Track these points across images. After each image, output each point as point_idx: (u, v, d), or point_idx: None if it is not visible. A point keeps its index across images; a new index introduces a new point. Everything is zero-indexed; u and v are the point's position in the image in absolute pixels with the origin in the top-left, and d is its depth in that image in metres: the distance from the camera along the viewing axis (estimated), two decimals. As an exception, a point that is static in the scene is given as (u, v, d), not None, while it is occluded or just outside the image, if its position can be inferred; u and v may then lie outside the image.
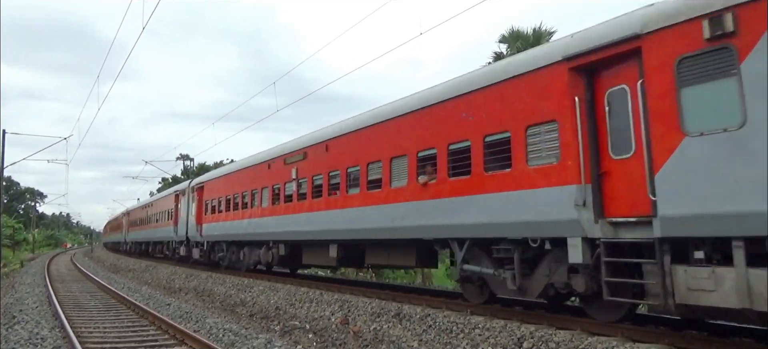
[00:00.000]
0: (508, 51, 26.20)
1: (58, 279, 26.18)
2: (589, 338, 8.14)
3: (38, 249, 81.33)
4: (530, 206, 9.09)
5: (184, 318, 13.11)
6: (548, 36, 25.82)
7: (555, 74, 8.91)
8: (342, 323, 11.76)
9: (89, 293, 19.77)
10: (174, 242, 32.18)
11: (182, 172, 66.38)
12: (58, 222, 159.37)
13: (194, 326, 11.87)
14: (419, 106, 12.01)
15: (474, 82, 10.71)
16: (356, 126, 14.47)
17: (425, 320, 10.50)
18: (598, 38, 8.37)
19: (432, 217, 11.19)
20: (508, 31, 26.99)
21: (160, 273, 27.37)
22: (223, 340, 10.31)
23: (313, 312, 13.28)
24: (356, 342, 10.30)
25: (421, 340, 9.82)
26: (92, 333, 11.24)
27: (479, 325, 9.54)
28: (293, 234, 17.30)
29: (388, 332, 10.61)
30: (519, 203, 9.30)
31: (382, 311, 11.68)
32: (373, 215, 13.16)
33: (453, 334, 9.63)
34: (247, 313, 14.58)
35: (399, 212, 12.20)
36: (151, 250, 40.43)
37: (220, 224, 24.08)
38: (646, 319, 10.20)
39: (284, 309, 14.20)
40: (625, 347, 7.47)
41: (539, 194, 8.96)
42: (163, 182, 74.91)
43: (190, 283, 22.13)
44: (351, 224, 14.03)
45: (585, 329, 8.77)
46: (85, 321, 12.80)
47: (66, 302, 16.47)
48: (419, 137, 11.83)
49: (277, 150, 19.57)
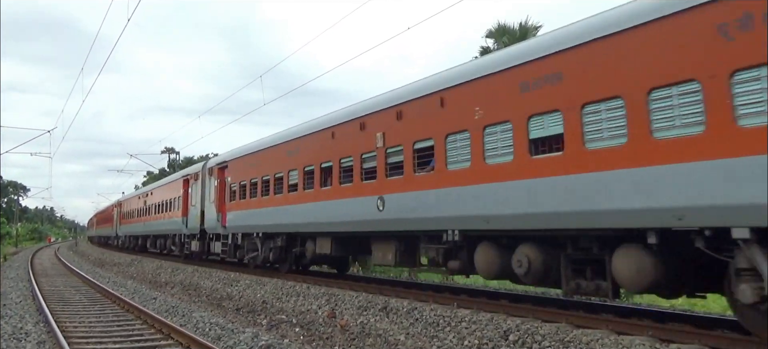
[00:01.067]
0: (495, 46, 26.29)
1: (43, 273, 25.91)
2: (575, 330, 8.22)
3: (22, 243, 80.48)
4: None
5: (170, 312, 13.05)
6: (535, 30, 25.94)
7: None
8: (329, 317, 11.77)
9: (74, 287, 19.59)
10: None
11: (168, 165, 65.95)
12: (41, 216, 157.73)
13: (180, 321, 11.82)
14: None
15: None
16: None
17: (412, 314, 10.54)
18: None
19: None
20: (494, 26, 27.11)
21: (145, 267, 27.19)
22: (209, 334, 10.27)
23: (300, 306, 13.28)
24: (343, 336, 10.32)
25: (408, 333, 9.86)
26: (77, 328, 11.15)
27: (466, 318, 9.60)
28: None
29: (375, 325, 10.64)
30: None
31: (369, 305, 11.71)
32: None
33: (439, 327, 9.68)
34: (233, 307, 14.55)
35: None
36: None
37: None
38: (631, 312, 10.34)
39: (271, 303, 14.18)
40: (610, 340, 7.55)
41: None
42: (148, 176, 74.36)
43: (176, 277, 22.02)
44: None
45: (570, 321, 8.86)
46: (69, 315, 12.70)
47: (50, 296, 16.32)
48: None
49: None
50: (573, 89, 8.35)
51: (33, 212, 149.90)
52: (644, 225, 7.45)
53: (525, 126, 9.07)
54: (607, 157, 7.82)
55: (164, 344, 9.56)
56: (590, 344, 7.57)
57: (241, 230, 20.14)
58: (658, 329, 8.01)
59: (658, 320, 9.11)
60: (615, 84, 7.78)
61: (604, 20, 8.14)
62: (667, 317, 9.60)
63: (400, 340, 9.62)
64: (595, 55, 8.12)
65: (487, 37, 27.48)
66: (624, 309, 10.71)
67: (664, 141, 7.18)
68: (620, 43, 7.76)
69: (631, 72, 7.58)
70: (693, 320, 9.39)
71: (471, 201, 10.05)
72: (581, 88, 8.24)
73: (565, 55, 8.56)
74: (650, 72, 7.35)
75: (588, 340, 7.68)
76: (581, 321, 8.85)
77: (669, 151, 7.09)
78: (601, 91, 7.97)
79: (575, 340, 7.80)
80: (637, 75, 7.49)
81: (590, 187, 8.02)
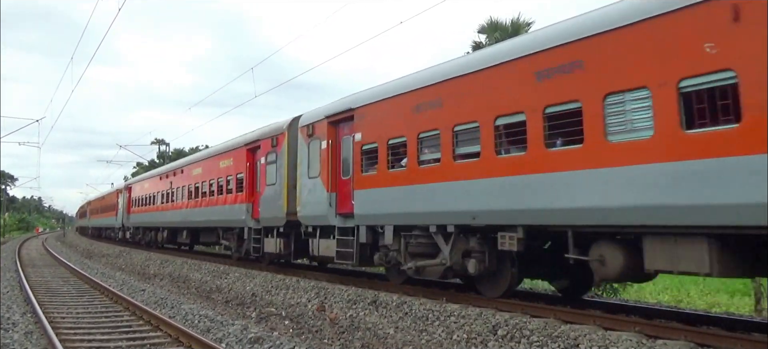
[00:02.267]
0: (487, 41, 26.35)
1: (30, 264, 25.74)
2: (563, 325, 8.29)
3: (9, 233, 79.86)
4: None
5: (159, 304, 13.02)
6: (527, 26, 26.00)
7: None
8: (318, 310, 11.78)
9: (62, 278, 19.49)
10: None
11: (158, 156, 65.66)
12: (29, 206, 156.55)
13: (169, 312, 11.79)
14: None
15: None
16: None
17: (401, 308, 10.58)
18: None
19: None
20: (486, 22, 27.16)
21: (134, 259, 27.06)
22: (198, 326, 10.26)
23: (290, 299, 13.28)
24: (332, 329, 10.34)
25: (398, 327, 9.90)
26: (65, 318, 11.11)
27: (455, 312, 9.64)
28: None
29: (364, 319, 10.67)
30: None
31: (358, 299, 11.74)
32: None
33: (429, 321, 9.72)
34: (222, 299, 14.53)
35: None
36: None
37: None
38: (618, 308, 10.43)
39: (260, 296, 14.17)
40: (598, 335, 7.62)
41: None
42: (137, 167, 73.97)
43: (164, 269, 21.94)
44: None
45: (558, 317, 8.93)
46: (57, 306, 12.64)
47: (38, 287, 16.22)
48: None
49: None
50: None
51: (21, 202, 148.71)
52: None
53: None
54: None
55: (153, 335, 9.55)
56: (577, 340, 7.63)
57: (391, 220, 12.06)
58: (645, 324, 8.11)
59: (645, 316, 9.22)
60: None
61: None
62: (653, 313, 9.71)
63: (390, 334, 9.65)
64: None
65: (480, 32, 27.54)
66: (611, 305, 10.81)
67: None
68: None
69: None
70: (679, 316, 9.50)
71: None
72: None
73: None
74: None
75: (575, 335, 7.75)
76: (569, 316, 8.93)
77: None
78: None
79: (563, 335, 7.86)
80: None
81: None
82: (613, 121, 7.80)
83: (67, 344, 8.60)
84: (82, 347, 8.73)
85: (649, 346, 7.09)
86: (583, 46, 8.28)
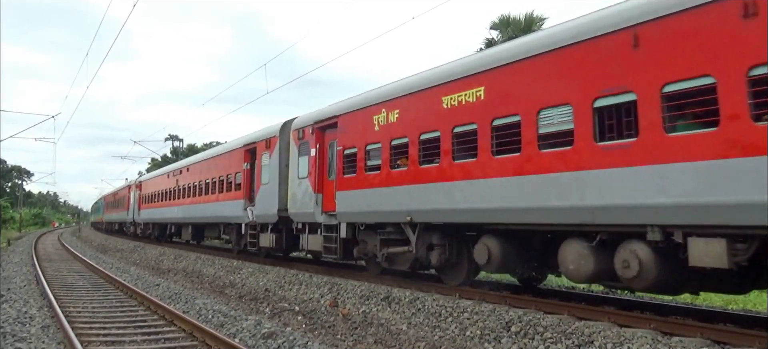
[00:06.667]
0: (500, 37, 26.22)
1: (46, 258, 26.04)
2: (576, 322, 8.24)
3: (25, 228, 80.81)
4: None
5: (173, 299, 13.11)
6: (540, 22, 25.84)
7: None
8: (331, 306, 11.81)
9: (77, 272, 19.69)
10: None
11: (171, 152, 66.09)
12: (45, 201, 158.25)
13: (183, 307, 11.88)
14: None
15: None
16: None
17: (414, 304, 10.57)
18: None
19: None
20: (499, 18, 27.03)
21: (148, 254, 27.29)
22: (212, 321, 10.33)
23: (303, 295, 13.33)
24: (345, 325, 10.36)
25: (410, 323, 9.89)
26: (81, 313, 11.21)
27: (468, 308, 9.62)
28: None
29: (377, 315, 10.68)
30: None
31: (371, 294, 11.75)
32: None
33: (442, 317, 9.71)
34: (236, 295, 14.60)
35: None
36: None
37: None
38: (633, 304, 10.35)
39: (274, 291, 14.23)
40: (612, 332, 7.57)
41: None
42: (151, 163, 74.52)
43: (178, 264, 22.10)
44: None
45: (572, 313, 8.88)
46: (73, 301, 12.77)
47: (54, 281, 16.40)
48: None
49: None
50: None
51: (36, 197, 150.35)
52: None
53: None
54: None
55: (167, 330, 9.62)
56: (591, 336, 7.58)
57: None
58: (660, 322, 8.02)
59: (659, 313, 9.13)
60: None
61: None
62: (669, 310, 9.62)
63: (402, 329, 9.65)
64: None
65: (492, 28, 27.44)
66: (626, 302, 10.73)
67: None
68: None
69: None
70: (695, 313, 9.41)
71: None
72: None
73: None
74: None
75: (590, 332, 7.70)
76: (583, 313, 8.88)
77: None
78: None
79: (577, 332, 7.82)
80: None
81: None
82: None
83: (83, 339, 8.68)
84: (98, 341, 8.81)
85: (665, 343, 7.02)
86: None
